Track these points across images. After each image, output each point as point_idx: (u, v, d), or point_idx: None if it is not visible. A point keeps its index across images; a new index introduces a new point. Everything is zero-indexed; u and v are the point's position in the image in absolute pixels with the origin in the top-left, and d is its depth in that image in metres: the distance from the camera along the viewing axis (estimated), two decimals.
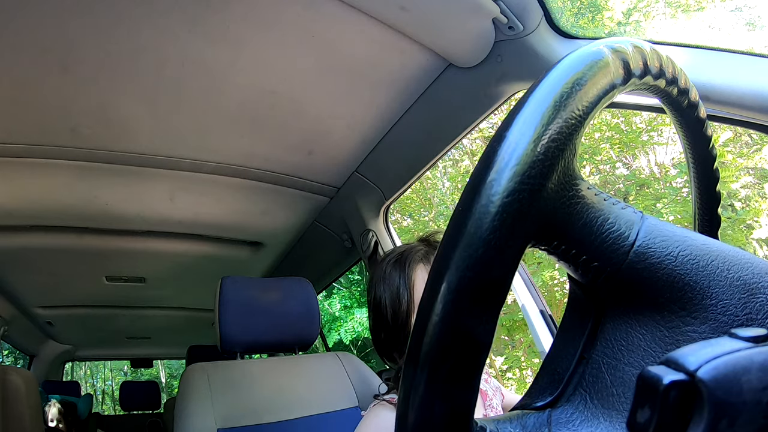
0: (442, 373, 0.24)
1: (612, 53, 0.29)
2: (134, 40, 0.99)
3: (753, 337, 0.20)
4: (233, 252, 2.11)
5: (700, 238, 0.30)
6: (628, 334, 0.29)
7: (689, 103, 0.37)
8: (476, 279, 0.24)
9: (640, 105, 0.94)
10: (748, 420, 0.19)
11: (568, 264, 0.30)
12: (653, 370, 0.20)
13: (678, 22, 4.73)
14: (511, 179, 0.24)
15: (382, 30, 1.00)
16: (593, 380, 0.30)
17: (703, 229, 0.44)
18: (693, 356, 0.19)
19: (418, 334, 0.24)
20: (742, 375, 0.19)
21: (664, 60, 0.33)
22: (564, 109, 0.26)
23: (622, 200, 0.31)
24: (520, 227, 0.24)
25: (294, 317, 1.38)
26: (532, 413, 0.30)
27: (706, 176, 0.42)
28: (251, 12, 0.96)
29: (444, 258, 0.24)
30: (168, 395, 7.31)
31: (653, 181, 4.68)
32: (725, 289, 0.28)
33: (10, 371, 1.81)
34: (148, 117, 1.25)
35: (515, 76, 1.03)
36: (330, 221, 1.83)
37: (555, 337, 0.33)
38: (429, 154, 1.35)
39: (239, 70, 1.11)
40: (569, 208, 0.28)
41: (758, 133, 3.93)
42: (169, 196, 1.62)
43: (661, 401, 0.19)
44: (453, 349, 0.24)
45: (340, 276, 2.53)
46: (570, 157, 0.27)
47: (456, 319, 0.24)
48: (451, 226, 0.25)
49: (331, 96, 1.23)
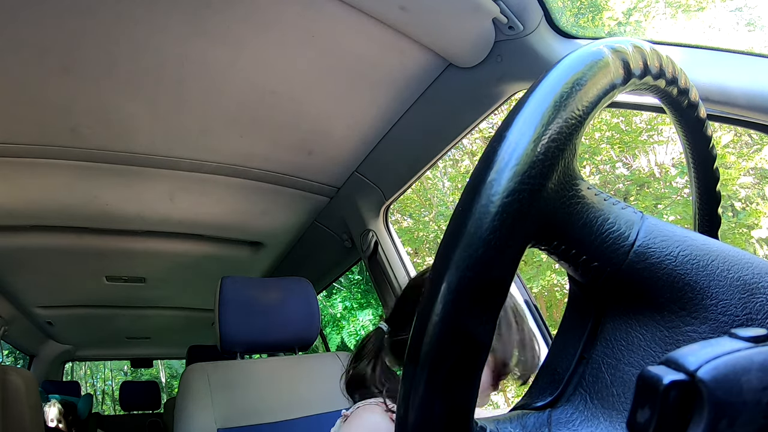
0: (442, 372, 0.24)
1: (612, 53, 0.29)
2: (135, 40, 1.00)
3: (753, 337, 0.20)
4: (233, 252, 2.11)
5: (700, 238, 0.30)
6: (628, 334, 0.29)
7: (689, 103, 0.37)
8: (476, 279, 0.23)
9: (641, 104, 0.94)
10: (748, 420, 0.19)
11: (568, 264, 0.30)
12: (653, 370, 0.20)
13: (678, 22, 4.72)
14: (511, 179, 0.24)
15: (382, 30, 1.00)
16: (593, 380, 0.30)
17: (703, 229, 0.44)
18: (693, 356, 0.19)
19: (418, 334, 0.24)
20: (742, 375, 0.19)
21: (664, 60, 0.33)
22: (564, 109, 0.26)
23: (622, 200, 0.31)
24: (520, 227, 0.24)
25: (294, 317, 1.38)
26: (532, 413, 0.30)
27: (706, 176, 0.42)
28: (251, 12, 0.96)
29: (444, 258, 0.24)
30: (168, 395, 7.31)
31: (653, 181, 4.67)
32: (725, 289, 0.28)
33: (10, 371, 1.81)
34: (148, 117, 1.25)
35: (515, 76, 1.03)
36: (330, 221, 1.83)
37: (555, 337, 0.33)
38: (429, 154, 1.35)
39: (239, 70, 1.11)
40: (569, 208, 0.28)
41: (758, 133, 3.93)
42: (169, 196, 1.62)
43: (661, 401, 0.19)
44: (453, 349, 0.24)
45: (340, 276, 2.53)
46: (570, 157, 0.27)
47: (456, 319, 0.24)
48: (451, 225, 0.25)
49: (331, 96, 1.23)
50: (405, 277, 1.60)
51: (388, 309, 1.67)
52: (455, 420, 0.24)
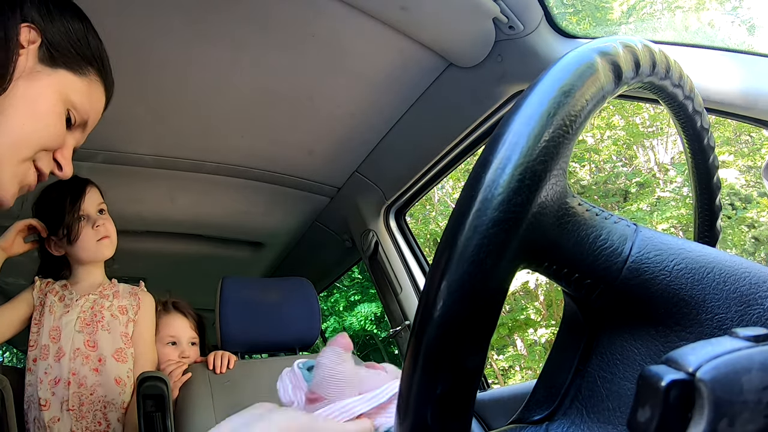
0: (435, 400, 0.24)
1: (601, 57, 0.28)
2: (135, 40, 0.99)
3: (753, 336, 0.20)
4: (233, 252, 2.10)
5: (697, 249, 0.30)
6: (624, 348, 0.29)
7: (685, 95, 0.36)
8: (463, 313, 0.23)
9: (648, 98, 0.94)
10: (749, 419, 0.19)
11: (560, 281, 0.29)
12: (654, 370, 0.20)
13: (678, 21, 4.72)
14: (496, 208, 0.23)
15: (382, 30, 1.00)
16: (589, 394, 0.30)
17: (702, 238, 0.44)
18: (693, 355, 0.19)
19: (412, 362, 0.24)
20: (742, 374, 0.19)
21: (657, 55, 0.32)
22: (550, 127, 0.25)
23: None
24: (509, 255, 0.24)
25: (294, 317, 1.38)
26: (529, 427, 0.30)
27: (708, 186, 0.41)
28: (251, 12, 0.96)
29: (430, 291, 0.24)
30: None
31: (653, 180, 4.67)
32: (721, 302, 0.28)
33: (8, 371, 1.81)
34: (148, 117, 1.25)
35: (516, 76, 1.03)
36: (330, 221, 1.83)
37: (551, 351, 0.33)
38: (430, 154, 1.35)
39: (239, 70, 1.11)
40: (560, 228, 0.27)
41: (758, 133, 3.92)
42: (169, 196, 1.62)
43: (661, 400, 0.19)
44: (444, 377, 0.24)
45: (341, 276, 2.53)
46: (559, 176, 0.26)
47: (443, 351, 0.23)
48: (437, 257, 0.25)
49: (331, 96, 1.23)
50: (406, 277, 1.60)
51: (388, 309, 1.67)
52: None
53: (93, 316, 1.14)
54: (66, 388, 1.07)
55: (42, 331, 1.12)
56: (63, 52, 0.59)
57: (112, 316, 1.17)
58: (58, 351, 1.10)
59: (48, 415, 1.06)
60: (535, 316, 5.03)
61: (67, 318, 1.13)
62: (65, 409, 1.06)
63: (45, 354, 1.10)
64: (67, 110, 0.61)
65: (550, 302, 5.03)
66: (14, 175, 0.57)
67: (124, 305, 1.20)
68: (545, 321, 4.95)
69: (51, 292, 1.16)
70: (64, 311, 1.14)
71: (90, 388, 1.09)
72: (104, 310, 1.16)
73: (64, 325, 1.12)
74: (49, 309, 1.14)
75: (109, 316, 1.16)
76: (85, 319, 1.14)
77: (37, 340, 1.12)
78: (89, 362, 1.10)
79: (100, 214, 1.19)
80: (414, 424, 0.24)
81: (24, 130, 0.56)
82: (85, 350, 1.11)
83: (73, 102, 0.61)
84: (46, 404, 1.06)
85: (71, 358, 1.09)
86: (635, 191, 4.77)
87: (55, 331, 1.12)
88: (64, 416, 1.06)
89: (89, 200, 1.17)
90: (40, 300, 1.16)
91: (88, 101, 0.63)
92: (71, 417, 1.06)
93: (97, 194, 1.20)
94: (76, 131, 0.64)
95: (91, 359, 1.11)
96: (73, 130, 0.63)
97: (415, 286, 1.58)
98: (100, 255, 1.18)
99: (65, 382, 1.07)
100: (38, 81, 0.57)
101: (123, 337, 1.16)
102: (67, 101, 0.60)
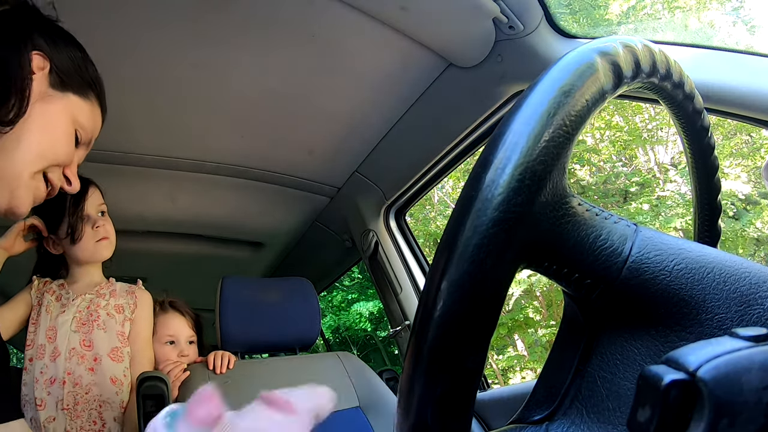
0: (435, 401, 0.24)
1: (601, 57, 0.27)
2: (135, 40, 0.99)
3: (753, 336, 0.20)
4: (233, 252, 2.10)
5: (697, 249, 0.30)
6: (624, 348, 0.29)
7: (685, 95, 0.36)
8: (463, 313, 0.23)
9: (647, 97, 0.94)
10: (749, 419, 0.19)
11: (560, 281, 0.29)
12: (654, 369, 0.20)
13: (678, 22, 4.72)
14: (496, 208, 0.23)
15: (382, 30, 1.00)
16: (589, 394, 0.30)
17: (702, 238, 0.43)
18: (693, 355, 0.19)
19: (412, 362, 0.24)
20: (742, 374, 0.19)
21: (657, 55, 0.32)
22: (550, 127, 0.25)
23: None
24: (509, 255, 0.24)
25: (294, 317, 1.38)
26: (529, 427, 0.30)
27: (708, 186, 0.41)
28: (251, 12, 0.96)
29: (430, 291, 0.24)
30: None
31: (653, 179, 4.67)
32: (721, 302, 0.28)
33: None
34: (148, 117, 1.25)
35: (516, 76, 1.03)
36: (330, 221, 1.83)
37: (551, 351, 0.33)
38: (430, 154, 1.35)
39: (239, 70, 1.11)
40: (560, 228, 0.27)
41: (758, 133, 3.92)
42: (169, 196, 1.62)
43: (661, 400, 0.19)
44: (443, 378, 0.24)
45: (341, 276, 2.53)
46: (559, 177, 0.26)
47: (443, 351, 0.23)
48: (437, 258, 0.24)
49: (331, 96, 1.23)
50: (406, 277, 1.60)
51: (388, 309, 1.67)
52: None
53: (89, 316, 1.14)
54: (61, 387, 1.07)
55: (39, 330, 1.12)
56: (70, 77, 0.67)
57: (108, 314, 1.16)
58: (54, 351, 1.09)
59: (44, 415, 1.05)
60: (534, 316, 5.03)
61: (63, 318, 1.12)
62: (60, 409, 1.06)
63: (41, 354, 1.09)
64: (75, 130, 0.68)
65: (550, 303, 5.03)
66: (30, 188, 0.63)
67: (120, 304, 1.20)
68: (545, 321, 4.95)
69: (48, 292, 1.16)
70: (61, 311, 1.14)
71: (85, 387, 1.08)
72: (100, 309, 1.16)
73: (60, 324, 1.12)
74: (46, 308, 1.13)
75: (105, 314, 1.16)
76: (81, 318, 1.13)
77: (34, 339, 1.12)
78: (85, 362, 1.10)
79: (100, 216, 1.19)
80: (415, 424, 0.24)
81: (41, 148, 0.63)
82: (81, 350, 1.11)
83: (81, 123, 0.69)
84: (42, 404, 1.06)
85: (67, 357, 1.09)
86: (635, 191, 4.77)
87: (52, 330, 1.11)
88: (59, 416, 1.06)
89: (91, 201, 1.17)
90: (37, 299, 1.16)
91: (92, 122, 0.71)
92: (66, 416, 1.06)
93: (98, 195, 1.20)
94: (81, 149, 0.72)
95: (86, 359, 1.10)
96: (79, 148, 0.71)
97: (415, 286, 1.58)
98: (98, 256, 1.18)
99: (60, 382, 1.07)
100: (52, 104, 0.64)
101: (119, 336, 1.16)
102: (76, 122, 0.68)
